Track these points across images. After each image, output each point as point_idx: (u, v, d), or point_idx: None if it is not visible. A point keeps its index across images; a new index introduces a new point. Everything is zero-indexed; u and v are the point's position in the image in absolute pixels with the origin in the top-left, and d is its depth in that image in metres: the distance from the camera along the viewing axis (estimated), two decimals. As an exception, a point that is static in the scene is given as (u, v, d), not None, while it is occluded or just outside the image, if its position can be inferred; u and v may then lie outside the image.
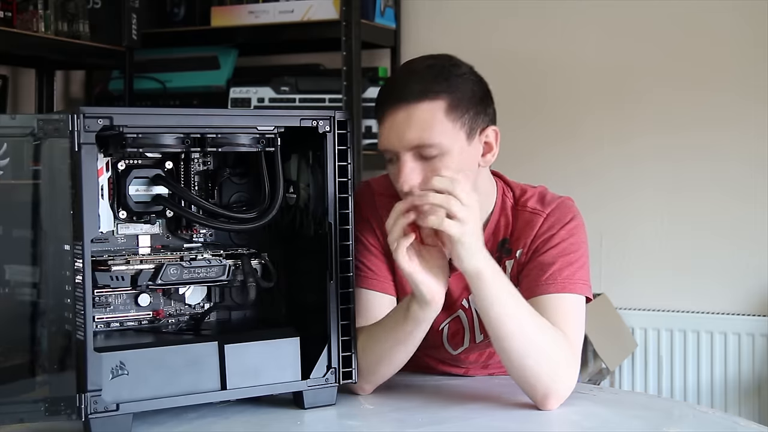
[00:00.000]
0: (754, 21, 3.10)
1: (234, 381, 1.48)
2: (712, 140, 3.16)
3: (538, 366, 1.51)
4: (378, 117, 1.62)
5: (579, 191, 3.16)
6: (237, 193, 1.63)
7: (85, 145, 1.35)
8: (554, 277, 1.62)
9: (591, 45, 3.30)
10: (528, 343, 1.51)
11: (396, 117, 1.57)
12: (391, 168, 1.63)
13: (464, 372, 1.80)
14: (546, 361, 1.52)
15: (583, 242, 1.68)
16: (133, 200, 1.51)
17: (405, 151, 1.57)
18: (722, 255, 3.16)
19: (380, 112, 1.61)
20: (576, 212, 1.71)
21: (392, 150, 1.59)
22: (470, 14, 3.41)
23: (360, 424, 1.50)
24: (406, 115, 1.57)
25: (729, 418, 1.57)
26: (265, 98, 3.24)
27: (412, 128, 1.56)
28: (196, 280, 1.52)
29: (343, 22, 3.07)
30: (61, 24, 3.00)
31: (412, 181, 1.57)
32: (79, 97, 3.76)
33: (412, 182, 1.57)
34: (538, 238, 1.68)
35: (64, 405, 1.36)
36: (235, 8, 3.32)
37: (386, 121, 1.59)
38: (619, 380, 3.28)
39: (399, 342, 1.58)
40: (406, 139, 1.56)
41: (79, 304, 1.36)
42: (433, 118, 1.56)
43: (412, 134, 1.56)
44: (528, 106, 3.35)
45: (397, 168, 1.59)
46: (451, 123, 1.57)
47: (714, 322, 3.16)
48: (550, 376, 1.52)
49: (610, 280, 3.29)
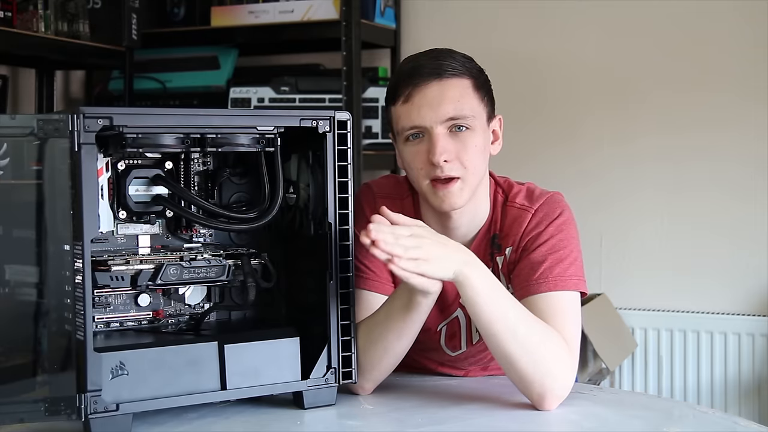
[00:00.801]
0: (754, 22, 3.10)
1: (234, 381, 1.48)
2: (711, 141, 3.16)
3: (532, 366, 1.51)
4: (402, 97, 1.63)
5: (579, 192, 3.18)
6: (237, 193, 1.63)
7: (84, 145, 1.35)
8: (545, 275, 1.61)
9: (591, 45, 3.30)
10: (520, 344, 1.50)
11: (428, 92, 1.61)
12: (413, 148, 1.64)
13: (464, 374, 1.80)
14: (540, 361, 1.51)
15: (573, 237, 1.67)
16: (133, 200, 1.51)
17: (438, 124, 1.60)
18: (722, 255, 3.16)
19: (406, 91, 1.62)
20: (564, 207, 1.70)
21: (424, 125, 1.61)
22: (470, 14, 3.41)
23: (360, 424, 1.50)
24: (439, 88, 1.61)
25: (729, 418, 1.57)
26: (265, 98, 3.24)
27: (447, 100, 1.61)
28: (196, 280, 1.52)
29: (343, 22, 3.08)
30: (61, 24, 3.00)
31: (447, 153, 1.60)
32: (79, 97, 3.76)
33: (447, 155, 1.60)
34: (526, 235, 1.67)
35: (64, 405, 1.36)
36: (235, 8, 3.32)
37: (414, 98, 1.61)
38: (619, 380, 3.27)
39: (400, 332, 1.57)
40: (442, 111, 1.60)
41: (79, 305, 1.36)
42: (465, 92, 1.63)
43: (448, 106, 1.60)
44: (528, 106, 3.35)
45: (428, 143, 1.61)
46: (478, 100, 1.64)
47: (714, 322, 3.16)
48: (545, 376, 1.51)
49: (610, 280, 3.29)
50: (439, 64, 1.62)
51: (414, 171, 1.65)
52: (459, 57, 1.65)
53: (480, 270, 1.50)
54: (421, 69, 1.62)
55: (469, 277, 1.48)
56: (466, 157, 1.62)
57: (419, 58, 1.66)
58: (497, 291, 1.51)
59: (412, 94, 1.61)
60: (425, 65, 1.63)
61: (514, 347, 1.50)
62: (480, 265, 1.51)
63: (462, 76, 1.63)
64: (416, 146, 1.63)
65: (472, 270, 1.49)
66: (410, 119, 1.62)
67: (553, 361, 1.52)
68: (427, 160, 1.62)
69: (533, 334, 1.52)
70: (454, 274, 1.47)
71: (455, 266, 1.47)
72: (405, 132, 1.64)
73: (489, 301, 1.50)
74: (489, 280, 1.51)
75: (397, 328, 1.57)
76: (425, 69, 1.62)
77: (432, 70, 1.62)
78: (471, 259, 1.51)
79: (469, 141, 1.62)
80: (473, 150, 1.62)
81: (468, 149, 1.62)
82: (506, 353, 1.51)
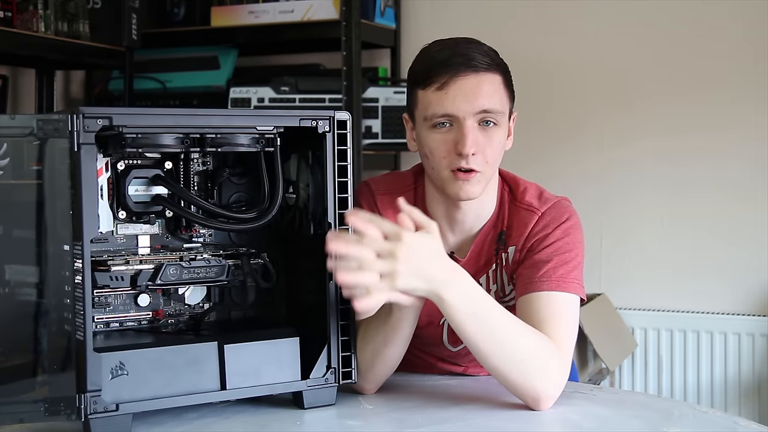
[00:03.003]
0: (753, 24, 3.10)
1: (234, 381, 1.48)
2: (711, 142, 3.16)
3: (522, 376, 1.50)
4: (436, 83, 1.62)
5: (580, 193, 3.18)
6: (236, 193, 1.63)
7: (84, 145, 1.35)
8: (548, 275, 1.61)
9: (592, 48, 3.30)
10: (508, 356, 1.49)
11: (465, 83, 1.61)
12: (439, 136, 1.63)
13: (463, 370, 1.80)
14: (529, 370, 1.50)
15: (578, 242, 1.67)
16: (133, 200, 1.51)
17: (471, 116, 1.61)
18: (722, 255, 3.16)
19: (440, 79, 1.62)
20: (572, 212, 1.70)
21: (457, 114, 1.61)
22: (470, 15, 3.41)
23: (360, 424, 1.50)
24: (477, 81, 1.62)
25: (729, 418, 1.57)
26: (265, 98, 3.23)
27: (483, 93, 1.62)
28: (195, 280, 1.52)
29: (343, 22, 3.08)
30: (61, 24, 3.00)
31: (476, 146, 1.61)
32: (79, 97, 3.76)
33: (476, 148, 1.61)
34: (532, 236, 1.68)
35: (63, 405, 1.36)
36: (235, 8, 3.32)
37: (451, 87, 1.61)
38: (619, 380, 3.28)
39: (387, 338, 1.57)
40: (477, 104, 1.61)
41: (79, 305, 1.36)
42: (498, 88, 1.65)
43: (484, 99, 1.62)
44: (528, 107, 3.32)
45: (457, 133, 1.62)
46: (506, 97, 1.67)
47: (714, 322, 3.16)
48: (535, 381, 1.50)
49: (610, 280, 3.29)
50: (474, 56, 1.63)
51: (436, 159, 1.65)
52: (489, 51, 1.66)
53: (460, 289, 1.46)
54: (457, 59, 1.62)
55: (445, 299, 1.45)
56: (490, 151, 1.63)
57: (452, 47, 1.65)
58: (482, 307, 1.48)
59: (448, 83, 1.61)
60: (461, 55, 1.62)
61: (502, 361, 1.49)
62: (463, 283, 1.47)
63: (495, 71, 1.64)
64: (443, 135, 1.63)
65: (453, 292, 1.45)
66: (443, 107, 1.62)
67: (545, 367, 1.51)
68: (452, 149, 1.62)
69: (521, 344, 1.50)
70: (429, 294, 1.45)
71: (433, 288, 1.44)
72: (434, 119, 1.63)
73: (471, 320, 1.47)
74: (473, 298, 1.47)
75: (384, 334, 1.57)
76: (461, 59, 1.62)
77: (468, 61, 1.62)
78: (452, 279, 1.46)
79: (495, 136, 1.64)
80: (497, 146, 1.65)
81: (493, 144, 1.64)
82: (494, 366, 1.50)
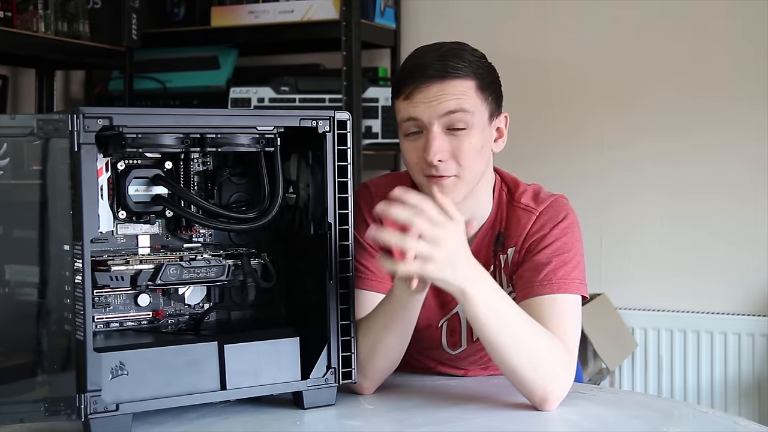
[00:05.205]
0: (753, 23, 3.10)
1: (234, 381, 1.48)
2: (711, 142, 3.16)
3: (534, 374, 1.51)
4: (404, 93, 1.63)
5: (580, 193, 3.18)
6: (237, 193, 1.63)
7: (84, 145, 1.35)
8: (549, 277, 1.61)
9: (592, 47, 3.30)
10: (524, 354, 1.50)
11: (429, 90, 1.61)
12: (411, 143, 1.64)
13: (464, 373, 1.80)
14: (542, 369, 1.51)
15: (576, 240, 1.67)
16: (133, 200, 1.51)
17: (436, 120, 1.60)
18: (722, 255, 3.16)
19: (408, 89, 1.62)
20: (569, 211, 1.70)
21: (422, 119, 1.61)
22: (470, 15, 3.41)
23: (360, 424, 1.50)
24: (440, 87, 1.61)
25: (729, 418, 1.57)
26: (265, 98, 3.24)
27: (447, 97, 1.60)
28: (195, 280, 1.52)
29: (343, 22, 3.08)
30: (61, 24, 3.00)
31: (441, 152, 1.60)
32: (79, 97, 3.76)
33: (442, 154, 1.60)
34: (530, 237, 1.67)
35: (63, 405, 1.36)
36: (235, 8, 3.32)
37: (416, 94, 1.61)
38: (619, 380, 3.28)
39: (387, 324, 1.57)
40: (441, 107, 1.60)
41: (79, 305, 1.36)
42: (466, 92, 1.62)
43: (447, 102, 1.60)
44: (528, 108, 3.35)
45: (424, 140, 1.61)
46: (480, 100, 1.63)
47: (714, 322, 3.16)
48: (547, 382, 1.51)
49: (610, 280, 3.29)
50: (443, 64, 1.61)
51: (410, 165, 1.66)
52: (466, 56, 1.64)
53: (485, 286, 1.47)
54: (425, 69, 1.62)
55: (469, 294, 1.45)
56: (461, 156, 1.61)
57: (425, 55, 1.65)
58: (501, 305, 1.49)
59: (413, 92, 1.62)
60: (430, 65, 1.62)
61: (519, 358, 1.50)
62: (485, 281, 1.48)
63: (466, 77, 1.61)
64: (414, 142, 1.64)
65: (478, 289, 1.46)
66: (408, 112, 1.63)
67: (555, 367, 1.52)
68: (423, 156, 1.62)
69: (536, 343, 1.51)
70: (453, 287, 1.45)
71: (460, 283, 1.45)
72: (404, 123, 1.64)
73: (493, 319, 1.48)
74: (493, 296, 1.48)
75: (384, 319, 1.57)
76: (428, 69, 1.61)
77: (435, 71, 1.61)
78: (477, 276, 1.47)
79: (465, 141, 1.61)
80: (469, 149, 1.62)
81: (464, 149, 1.61)
82: (511, 364, 1.51)
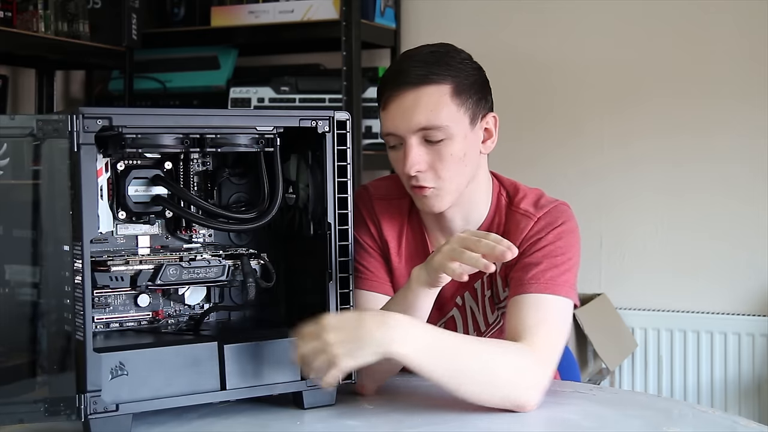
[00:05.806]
0: (754, 24, 3.10)
1: (234, 381, 1.48)
2: (711, 142, 3.16)
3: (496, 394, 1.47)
4: (382, 103, 1.63)
5: (580, 193, 3.18)
6: (236, 193, 1.63)
7: (84, 145, 1.35)
8: (537, 277, 1.59)
9: (591, 48, 3.30)
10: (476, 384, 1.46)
11: (403, 101, 1.59)
12: (394, 154, 1.64)
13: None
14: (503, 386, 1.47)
15: (571, 246, 1.65)
16: (133, 201, 1.52)
17: (411, 134, 1.59)
18: (722, 255, 3.16)
19: (384, 98, 1.62)
20: (569, 217, 1.68)
21: (398, 133, 1.61)
22: (470, 15, 3.41)
23: (359, 424, 1.50)
24: (414, 97, 1.58)
25: (729, 417, 1.57)
26: (265, 98, 3.24)
27: (420, 110, 1.58)
28: (195, 280, 1.52)
29: (343, 22, 3.08)
30: (61, 24, 3.00)
31: (418, 165, 1.59)
32: (79, 97, 3.76)
33: (419, 166, 1.59)
34: (526, 241, 1.66)
35: (63, 405, 1.36)
36: (235, 8, 3.32)
37: (391, 105, 1.60)
38: (619, 380, 3.27)
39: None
40: (414, 121, 1.58)
41: (79, 305, 1.36)
42: (440, 101, 1.59)
43: (420, 116, 1.58)
44: (528, 108, 3.35)
45: (403, 152, 1.61)
46: (456, 106, 1.60)
47: (714, 322, 3.16)
48: (511, 396, 1.48)
49: (610, 280, 3.29)
50: (417, 70, 1.59)
51: (399, 175, 1.67)
52: (445, 59, 1.61)
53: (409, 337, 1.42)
54: (398, 76, 1.61)
55: (401, 354, 1.42)
56: (440, 167, 1.60)
57: (404, 61, 1.64)
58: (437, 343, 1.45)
59: (389, 102, 1.61)
60: (404, 71, 1.60)
61: (472, 389, 1.47)
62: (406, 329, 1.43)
63: (441, 82, 1.59)
64: (396, 153, 1.64)
65: (402, 342, 1.42)
66: (387, 125, 1.62)
67: (516, 378, 1.49)
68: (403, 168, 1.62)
69: (489, 364, 1.47)
70: (383, 357, 1.42)
71: (378, 351, 1.41)
72: (385, 137, 1.65)
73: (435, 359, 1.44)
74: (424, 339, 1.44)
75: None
76: (402, 76, 1.60)
77: (408, 78, 1.59)
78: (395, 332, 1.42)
79: (444, 151, 1.59)
80: (449, 160, 1.60)
81: (443, 160, 1.60)
82: (466, 396, 1.48)
